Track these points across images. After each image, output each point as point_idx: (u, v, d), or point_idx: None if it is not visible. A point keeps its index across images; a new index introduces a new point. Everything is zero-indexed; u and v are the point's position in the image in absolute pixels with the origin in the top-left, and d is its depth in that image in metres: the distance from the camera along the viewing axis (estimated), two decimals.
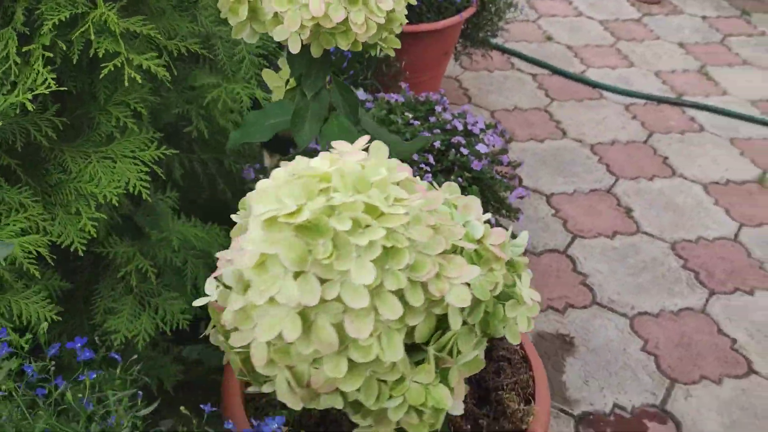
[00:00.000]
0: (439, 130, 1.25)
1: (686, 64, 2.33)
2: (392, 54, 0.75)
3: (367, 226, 0.41)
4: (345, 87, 0.78)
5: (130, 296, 0.93)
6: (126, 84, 0.67)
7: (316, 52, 0.69)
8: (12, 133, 0.70)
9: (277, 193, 0.42)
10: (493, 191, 1.25)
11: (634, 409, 1.20)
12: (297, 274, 0.41)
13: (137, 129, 0.76)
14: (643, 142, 1.94)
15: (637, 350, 1.31)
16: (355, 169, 0.43)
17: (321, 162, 0.44)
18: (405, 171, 0.47)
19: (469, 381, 0.61)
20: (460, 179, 1.19)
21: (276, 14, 0.66)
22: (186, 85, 0.84)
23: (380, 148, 0.48)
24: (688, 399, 1.22)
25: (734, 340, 1.34)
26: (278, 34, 0.67)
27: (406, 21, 0.72)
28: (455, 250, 0.49)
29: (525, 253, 1.56)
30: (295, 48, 0.66)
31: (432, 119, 1.29)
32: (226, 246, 1.05)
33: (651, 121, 2.03)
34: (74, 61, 0.67)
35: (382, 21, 0.67)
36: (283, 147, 1.30)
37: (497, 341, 0.88)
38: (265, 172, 1.21)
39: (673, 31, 2.55)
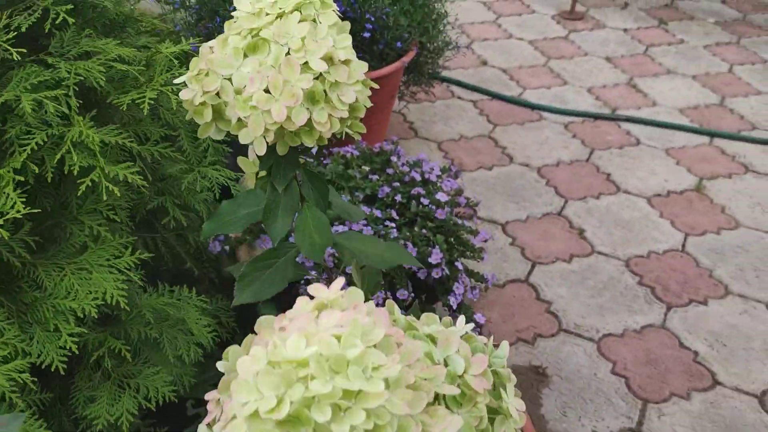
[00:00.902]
0: (398, 183, 1.27)
1: (615, 78, 2.43)
2: (359, 138, 0.76)
3: (347, 408, 0.43)
4: (315, 176, 0.79)
5: (108, 382, 0.92)
6: (104, 196, 0.66)
7: (282, 151, 0.70)
8: None
9: (256, 384, 0.44)
10: (457, 236, 1.28)
11: None
12: None
13: (111, 236, 0.75)
14: (586, 160, 2.01)
15: (608, 373, 1.36)
16: (331, 348, 0.44)
17: (297, 342, 0.45)
18: (382, 322, 0.47)
19: None
20: (424, 230, 1.22)
21: (240, 119, 0.67)
22: (157, 176, 0.83)
23: (356, 294, 0.50)
24: (662, 418, 1.27)
25: (696, 353, 1.40)
26: (243, 138, 0.67)
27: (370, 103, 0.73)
28: (437, 396, 0.50)
29: (488, 288, 1.59)
30: (261, 150, 0.67)
31: (389, 170, 1.31)
32: (200, 310, 1.04)
33: (590, 138, 2.10)
34: (49, 180, 0.66)
35: (346, 114, 0.67)
36: None
37: None
38: (230, 243, 1.20)
39: (599, 45, 2.65)
